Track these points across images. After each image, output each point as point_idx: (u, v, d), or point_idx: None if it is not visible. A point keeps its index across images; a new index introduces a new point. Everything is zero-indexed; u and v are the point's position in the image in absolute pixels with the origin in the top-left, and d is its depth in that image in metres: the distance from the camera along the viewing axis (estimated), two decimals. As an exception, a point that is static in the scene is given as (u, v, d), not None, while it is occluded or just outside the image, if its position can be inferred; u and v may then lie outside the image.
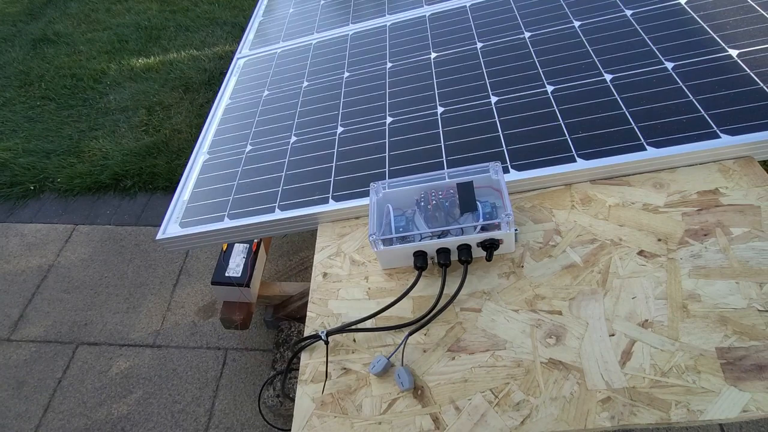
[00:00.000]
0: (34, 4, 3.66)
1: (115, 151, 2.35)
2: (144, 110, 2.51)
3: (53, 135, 2.54)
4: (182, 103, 2.52)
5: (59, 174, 2.33)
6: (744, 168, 0.73)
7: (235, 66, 1.21)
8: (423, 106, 0.91)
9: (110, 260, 2.01)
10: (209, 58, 2.83)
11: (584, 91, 0.86)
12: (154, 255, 2.01)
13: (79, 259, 2.05)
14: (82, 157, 2.38)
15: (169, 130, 2.36)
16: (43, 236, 2.18)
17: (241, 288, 1.37)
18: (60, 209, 2.26)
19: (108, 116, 2.55)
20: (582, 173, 0.73)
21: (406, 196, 0.70)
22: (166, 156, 2.26)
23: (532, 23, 1.06)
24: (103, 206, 2.22)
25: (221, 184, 0.86)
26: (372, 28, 1.18)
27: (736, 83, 0.82)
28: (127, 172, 2.26)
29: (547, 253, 0.65)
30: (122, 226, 2.14)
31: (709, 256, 0.62)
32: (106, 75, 2.83)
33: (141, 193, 2.22)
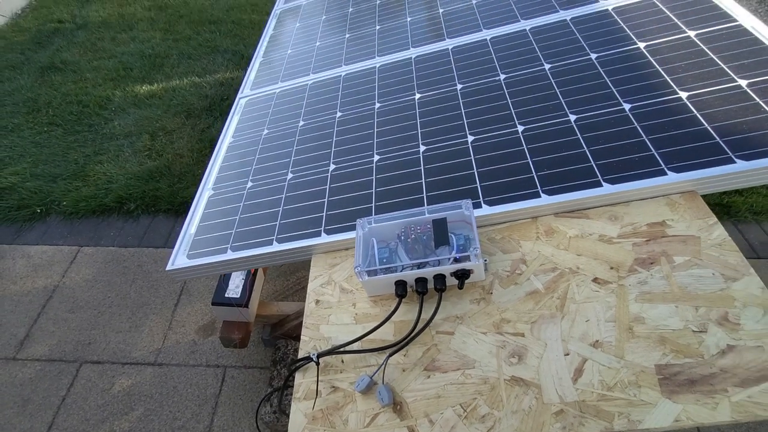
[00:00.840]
0: (42, 33, 3.83)
1: (119, 175, 2.46)
2: (147, 135, 2.63)
3: (60, 159, 2.64)
4: (184, 129, 2.64)
5: (65, 197, 2.43)
6: (689, 201, 0.82)
7: (237, 105, 1.32)
8: (407, 145, 1.01)
9: (113, 281, 2.09)
10: (210, 84, 2.97)
11: (551, 131, 0.97)
12: (156, 276, 2.09)
13: (84, 280, 2.13)
14: (87, 180, 2.48)
15: (171, 155, 2.47)
16: (48, 258, 2.27)
17: (240, 308, 1.45)
18: (65, 231, 2.34)
19: (112, 141, 2.67)
20: (546, 207, 0.83)
21: (389, 230, 0.79)
22: (168, 180, 2.37)
23: (507, 66, 1.18)
24: (107, 228, 2.31)
25: (224, 218, 0.95)
26: (363, 69, 1.30)
27: (683, 124, 0.92)
28: (131, 196, 2.36)
29: (514, 281, 0.74)
30: (125, 247, 2.23)
31: (654, 282, 0.72)
32: (111, 101, 2.95)
33: (144, 216, 2.31)
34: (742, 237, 1.84)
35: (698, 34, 1.11)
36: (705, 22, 1.13)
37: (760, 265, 1.75)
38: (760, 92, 0.94)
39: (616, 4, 1.27)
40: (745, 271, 0.72)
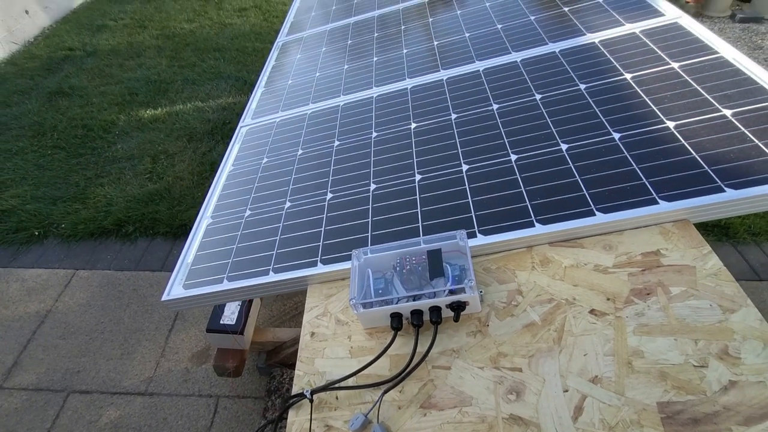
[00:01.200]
0: (53, 60, 3.91)
1: (119, 197, 2.45)
2: (149, 158, 2.64)
3: (61, 182, 2.64)
4: (186, 152, 2.65)
5: (64, 220, 2.41)
6: (681, 230, 0.82)
7: (238, 134, 1.33)
8: (403, 174, 1.01)
9: (108, 305, 2.05)
10: (213, 109, 3.01)
11: (543, 160, 0.97)
12: (151, 300, 2.05)
13: (77, 305, 2.08)
14: (87, 203, 2.47)
15: (172, 178, 2.48)
16: (43, 281, 2.22)
17: (235, 335, 1.42)
18: (62, 254, 2.31)
19: (115, 164, 2.68)
20: (541, 237, 0.82)
21: (385, 261, 0.78)
22: (167, 202, 2.36)
23: (500, 96, 1.19)
24: (104, 251, 2.28)
25: (222, 247, 0.94)
26: (360, 99, 1.32)
27: (672, 153, 0.93)
28: (130, 218, 2.35)
29: (510, 312, 0.73)
30: (121, 271, 2.19)
31: (651, 314, 0.70)
32: (115, 125, 2.98)
33: (141, 239, 2.29)
34: (742, 258, 1.82)
35: (682, 65, 1.13)
36: (688, 54, 1.16)
37: (762, 287, 1.72)
38: (745, 122, 0.95)
39: (603, 37, 1.31)
40: (742, 302, 0.71)
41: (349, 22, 1.86)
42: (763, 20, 3.54)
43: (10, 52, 4.15)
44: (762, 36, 3.39)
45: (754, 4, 3.61)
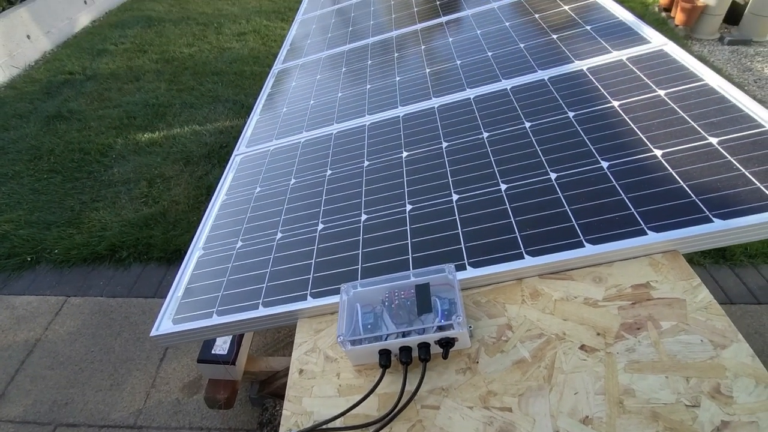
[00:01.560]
0: (53, 83, 4.00)
1: (114, 222, 2.47)
2: (145, 182, 2.68)
3: (56, 206, 2.67)
4: (182, 176, 2.69)
5: (57, 245, 2.42)
6: (671, 262, 0.83)
7: (232, 163, 1.36)
8: (394, 204, 1.03)
9: (98, 333, 2.04)
10: (210, 132, 3.07)
11: (533, 190, 0.99)
12: (143, 327, 2.04)
13: (67, 333, 2.07)
14: (81, 228, 2.49)
15: (167, 202, 2.50)
16: (33, 309, 2.22)
17: (227, 366, 1.40)
18: (54, 281, 2.31)
19: (111, 188, 2.71)
20: (531, 269, 0.83)
21: (374, 295, 0.79)
22: (162, 227, 2.38)
23: (489, 124, 1.23)
24: (96, 277, 2.28)
25: (212, 280, 0.95)
26: (353, 127, 1.36)
27: (660, 182, 0.95)
28: (124, 243, 2.36)
29: (500, 348, 0.73)
30: (114, 297, 2.19)
31: (642, 350, 0.70)
32: (112, 149, 3.04)
33: (135, 264, 2.30)
34: (740, 281, 1.83)
35: (668, 93, 1.17)
36: (674, 81, 1.20)
37: (762, 310, 1.72)
38: (731, 150, 0.97)
39: (591, 64, 1.35)
40: (733, 338, 0.71)
41: (344, 49, 1.93)
42: (751, 42, 3.66)
43: (10, 76, 4.26)
44: (751, 58, 3.50)
45: (741, 27, 3.74)
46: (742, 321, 1.70)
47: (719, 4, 3.67)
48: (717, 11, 3.69)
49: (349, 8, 2.43)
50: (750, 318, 1.70)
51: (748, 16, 3.69)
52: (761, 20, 3.62)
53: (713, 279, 1.85)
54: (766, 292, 1.79)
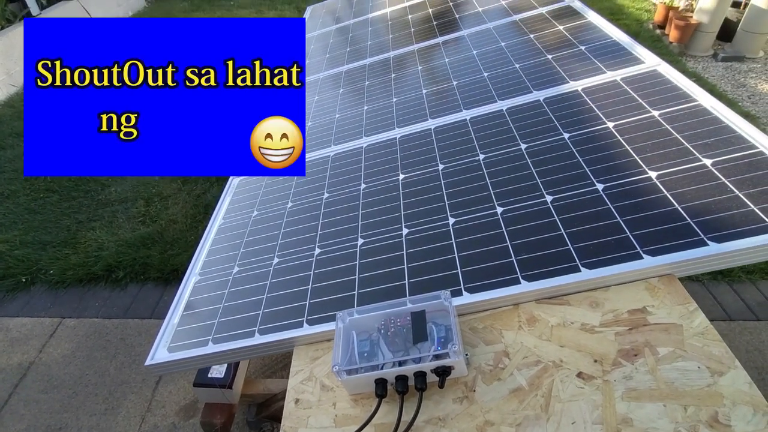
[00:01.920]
0: (50, 102, 4.06)
1: (111, 241, 2.49)
2: (142, 201, 2.71)
3: (52, 226, 2.69)
4: (180, 194, 2.72)
5: (53, 266, 2.44)
6: (667, 286, 0.85)
7: (230, 186, 1.39)
8: (390, 228, 1.06)
9: (93, 356, 2.03)
10: (208, 151, 3.10)
11: (529, 213, 1.01)
12: (139, 350, 2.04)
13: (62, 356, 2.06)
14: (77, 248, 2.51)
15: (165, 221, 2.53)
16: (27, 331, 2.22)
17: (223, 389, 1.40)
18: (49, 302, 2.32)
19: (107, 207, 2.74)
20: (527, 294, 0.85)
21: (370, 322, 0.80)
22: (160, 246, 2.40)
23: (486, 146, 1.26)
24: (92, 298, 2.29)
25: (208, 306, 0.97)
26: (350, 149, 1.39)
27: (655, 205, 0.97)
28: (120, 263, 2.37)
29: (497, 376, 0.74)
30: (110, 318, 2.19)
31: (639, 377, 0.71)
32: (109, 168, 3.07)
33: (132, 284, 2.31)
34: (738, 298, 1.84)
35: (662, 114, 1.20)
36: (667, 102, 1.23)
37: (761, 327, 1.73)
38: (725, 172, 1.00)
39: (585, 85, 1.39)
40: (730, 364, 0.72)
41: (342, 70, 1.98)
42: (744, 59, 3.76)
43: (8, 94, 4.35)
44: (744, 74, 3.58)
45: (734, 44, 3.85)
46: (741, 338, 1.70)
47: (712, 21, 3.78)
48: (710, 28, 3.80)
49: (347, 28, 2.50)
50: (749, 335, 1.71)
51: (741, 33, 3.80)
52: (754, 37, 3.73)
53: (712, 295, 1.86)
54: (765, 308, 1.79)
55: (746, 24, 3.73)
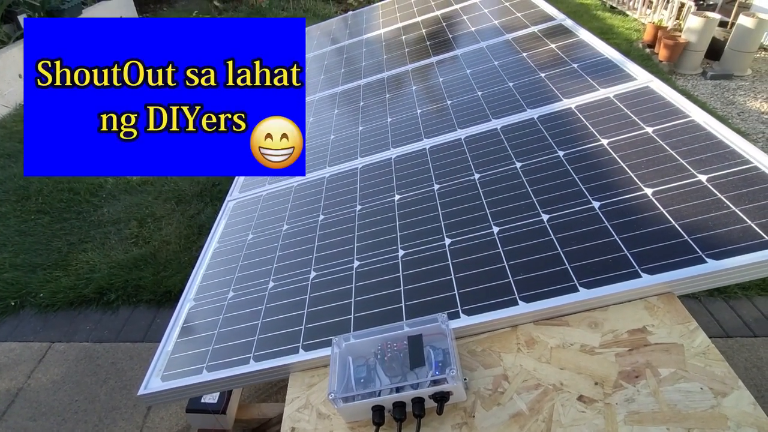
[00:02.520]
0: (44, 123, 4.11)
1: (103, 263, 2.48)
2: (135, 222, 2.72)
3: (42, 248, 2.69)
4: (173, 215, 2.74)
5: (43, 288, 2.43)
6: (666, 304, 0.85)
7: (225, 209, 1.41)
8: (386, 249, 1.07)
9: (83, 381, 2.01)
10: (203, 170, 3.13)
11: (525, 232, 1.03)
12: (130, 374, 2.02)
13: (51, 381, 2.04)
14: (68, 270, 2.50)
15: (158, 242, 2.53)
16: (16, 356, 2.19)
17: (217, 415, 1.38)
18: (38, 326, 2.30)
19: (100, 228, 2.74)
20: (525, 316, 0.86)
21: (367, 347, 0.80)
22: (153, 268, 2.39)
23: (481, 165, 1.28)
24: (83, 322, 2.27)
25: (203, 333, 0.97)
26: (345, 170, 1.42)
27: (652, 222, 0.99)
28: (112, 285, 2.37)
29: (496, 401, 0.74)
30: (100, 342, 2.17)
31: (641, 399, 0.72)
32: (102, 188, 3.09)
33: (124, 307, 2.30)
34: (735, 314, 1.85)
35: (655, 130, 1.23)
36: (661, 118, 1.27)
37: (758, 343, 1.73)
38: (720, 187, 1.02)
39: (579, 102, 1.43)
40: (733, 384, 0.72)
41: (336, 91, 2.03)
42: (732, 77, 3.89)
43: (0, 115, 4.39)
44: (733, 92, 3.70)
45: (723, 62, 4.00)
46: (739, 355, 1.71)
47: (700, 40, 3.92)
48: (698, 47, 3.95)
49: (342, 49, 2.57)
50: (747, 351, 1.71)
51: (729, 51, 3.95)
52: (741, 55, 3.88)
53: (708, 312, 1.88)
54: (762, 324, 1.80)
55: (733, 43, 3.88)
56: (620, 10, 5.60)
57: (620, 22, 5.32)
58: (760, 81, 3.88)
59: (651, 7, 5.02)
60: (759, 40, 3.87)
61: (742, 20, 3.75)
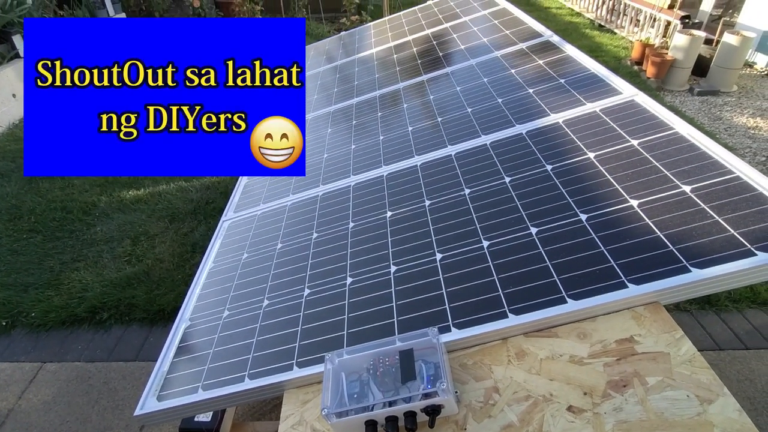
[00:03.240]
0: (37, 141, 4.15)
1: (95, 282, 2.49)
2: (129, 240, 2.73)
3: (35, 267, 2.69)
4: (167, 233, 2.76)
5: (34, 308, 2.42)
6: (653, 314, 0.88)
7: (220, 229, 1.45)
8: (379, 266, 1.10)
9: (75, 402, 1.99)
10: (197, 188, 3.18)
11: (514, 246, 1.06)
12: (122, 394, 2.01)
13: (42, 402, 2.02)
14: (60, 289, 2.50)
15: (151, 260, 2.55)
16: (6, 377, 2.18)
17: (211, 437, 1.38)
18: (29, 346, 2.29)
19: (93, 247, 2.76)
20: (515, 328, 0.89)
21: (359, 362, 0.83)
22: (146, 286, 2.40)
23: (471, 180, 1.33)
24: (75, 341, 2.27)
25: (198, 353, 0.99)
26: (338, 188, 1.46)
27: (637, 233, 1.02)
28: (105, 304, 2.37)
29: (488, 413, 0.76)
30: (92, 362, 2.17)
31: (629, 408, 0.74)
32: (95, 207, 3.12)
33: (116, 326, 2.30)
34: (726, 327, 1.89)
35: (641, 143, 1.28)
36: (645, 131, 1.32)
37: (750, 356, 1.77)
38: (704, 198, 1.06)
39: (566, 117, 1.48)
40: (719, 391, 0.75)
41: (330, 110, 2.08)
42: (719, 93, 4.04)
43: (-6, 134, 4.42)
44: (720, 108, 3.83)
45: (709, 79, 4.15)
46: (731, 367, 1.73)
47: (687, 57, 4.07)
48: (685, 64, 4.10)
49: (336, 69, 2.64)
50: (739, 364, 1.74)
51: (715, 68, 4.10)
52: (727, 72, 4.03)
53: (700, 325, 1.91)
54: (753, 336, 1.84)
55: (719, 60, 4.03)
56: (608, 28, 5.81)
57: (608, 40, 5.49)
58: (746, 97, 4.02)
59: (638, 25, 5.22)
60: (744, 57, 4.03)
61: (727, 38, 3.91)
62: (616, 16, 5.74)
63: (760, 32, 4.27)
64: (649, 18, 4.98)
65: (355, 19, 5.46)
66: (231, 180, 3.32)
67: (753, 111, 3.80)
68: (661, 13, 4.73)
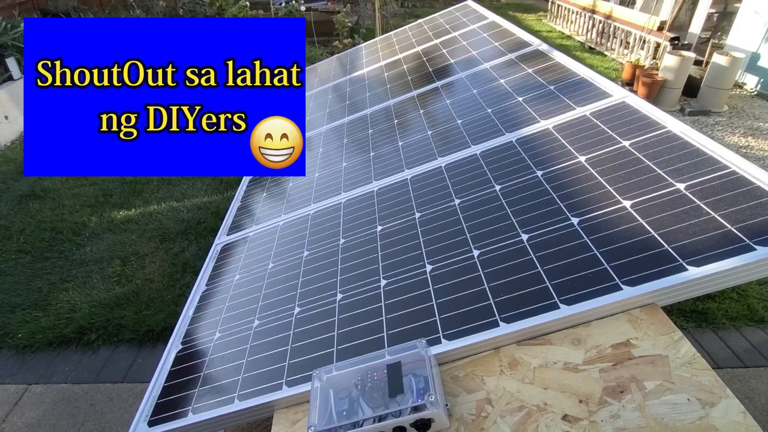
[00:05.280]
0: (28, 162, 4.16)
1: (84, 302, 2.47)
2: (119, 260, 2.73)
3: (22, 288, 2.67)
4: (157, 253, 2.75)
5: (21, 329, 2.40)
6: (650, 316, 0.87)
7: (213, 251, 1.45)
8: (369, 280, 1.11)
9: (60, 425, 1.95)
10: (187, 208, 3.18)
11: (505, 253, 1.06)
12: (109, 416, 1.96)
13: (26, 425, 1.98)
14: (48, 310, 2.48)
15: (141, 280, 2.53)
16: (-9, 399, 2.11)
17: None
18: (15, 368, 2.26)
19: (82, 267, 2.74)
20: (507, 337, 0.87)
21: (347, 378, 0.81)
22: (135, 306, 2.38)
23: (461, 190, 1.33)
24: (62, 362, 2.23)
25: (188, 376, 1.00)
26: (329, 206, 1.50)
27: (631, 234, 1.01)
28: (93, 325, 2.34)
29: (480, 426, 0.74)
30: (79, 384, 2.13)
31: (627, 415, 0.72)
32: (86, 227, 3.11)
33: (104, 347, 2.27)
34: (725, 345, 1.88)
35: (632, 143, 1.28)
36: (637, 131, 1.32)
37: (749, 374, 1.74)
38: (698, 194, 1.05)
39: (556, 122, 1.49)
40: (721, 393, 0.73)
41: (321, 130, 2.11)
42: (710, 113, 4.11)
43: (-14, 157, 4.44)
44: (711, 127, 3.89)
45: (700, 99, 4.24)
46: (731, 386, 1.71)
47: (677, 78, 4.16)
48: (676, 85, 4.19)
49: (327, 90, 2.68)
50: (738, 382, 1.72)
51: (705, 88, 4.18)
52: (717, 92, 4.11)
53: (698, 343, 1.90)
54: (752, 354, 1.82)
55: (709, 80, 4.12)
56: (599, 50, 5.93)
57: (599, 62, 5.60)
58: (737, 116, 4.08)
59: (628, 47, 5.33)
60: (733, 77, 4.11)
61: (716, 58, 3.99)
62: (606, 39, 5.88)
63: (749, 53, 4.36)
64: (638, 40, 5.09)
65: (347, 42, 5.58)
66: (222, 200, 3.33)
67: (744, 130, 3.85)
68: (650, 35, 4.83)
